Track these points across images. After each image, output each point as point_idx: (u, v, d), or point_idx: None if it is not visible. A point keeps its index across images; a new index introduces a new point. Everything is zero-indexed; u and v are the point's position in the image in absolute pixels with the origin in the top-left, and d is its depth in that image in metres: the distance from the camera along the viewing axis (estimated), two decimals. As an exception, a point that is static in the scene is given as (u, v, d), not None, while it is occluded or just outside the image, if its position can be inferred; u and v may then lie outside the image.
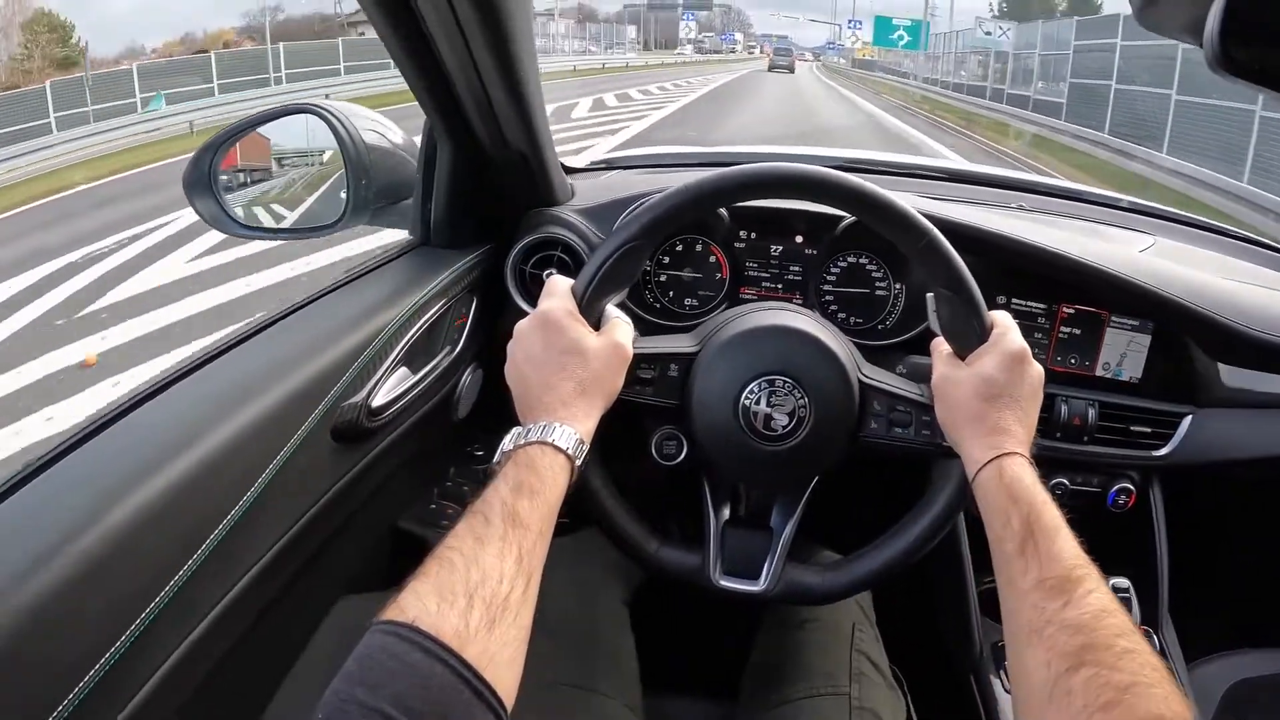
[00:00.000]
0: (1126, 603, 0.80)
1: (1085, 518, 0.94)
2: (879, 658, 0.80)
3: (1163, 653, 0.90)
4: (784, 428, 0.65)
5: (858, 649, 0.78)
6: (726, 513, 0.71)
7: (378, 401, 0.69)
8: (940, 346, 0.65)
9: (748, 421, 0.66)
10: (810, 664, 0.77)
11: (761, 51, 57.50)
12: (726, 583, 0.69)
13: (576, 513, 0.67)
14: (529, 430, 0.55)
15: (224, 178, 0.84)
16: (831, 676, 0.75)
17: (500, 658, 0.42)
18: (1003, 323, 0.63)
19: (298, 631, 0.72)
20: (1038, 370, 0.62)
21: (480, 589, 0.43)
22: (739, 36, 60.41)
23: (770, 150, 1.19)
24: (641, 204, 0.79)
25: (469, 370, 0.84)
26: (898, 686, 0.79)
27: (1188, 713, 0.41)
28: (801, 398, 0.65)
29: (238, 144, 0.85)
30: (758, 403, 0.65)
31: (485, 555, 0.45)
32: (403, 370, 0.74)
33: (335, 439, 0.65)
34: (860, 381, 0.67)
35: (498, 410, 0.64)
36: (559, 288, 0.62)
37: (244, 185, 0.88)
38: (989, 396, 0.60)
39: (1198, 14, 0.44)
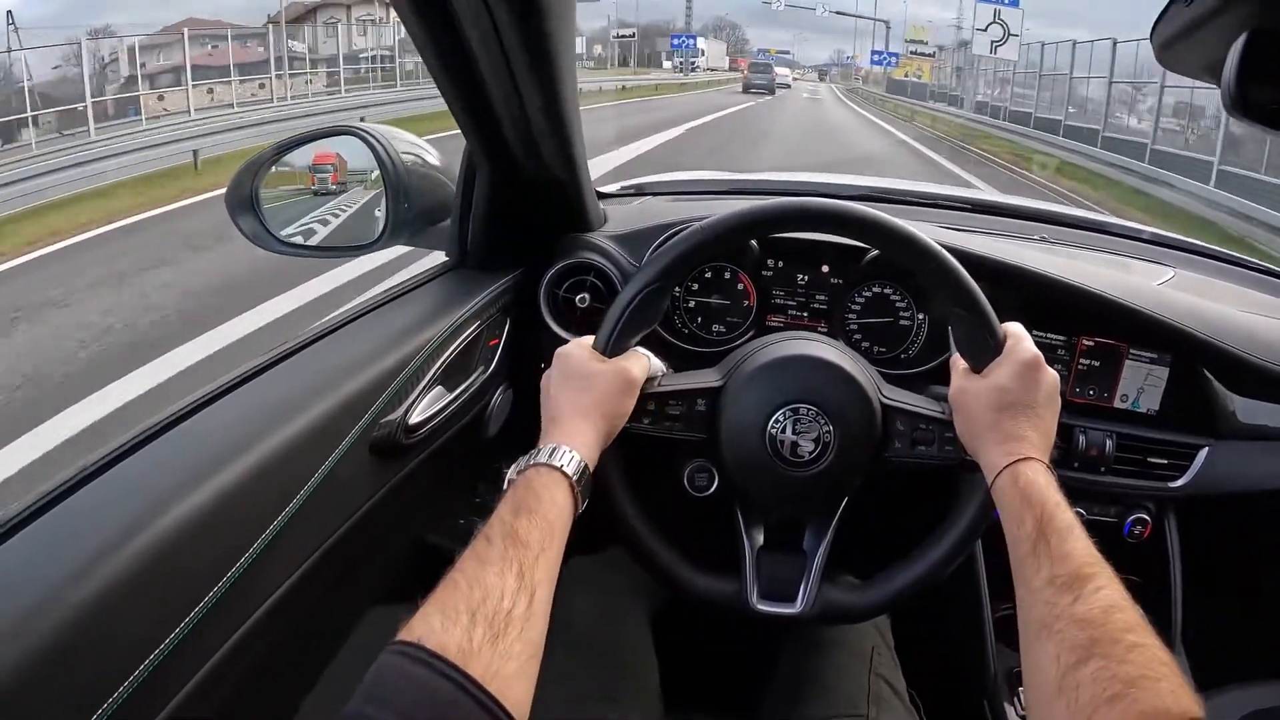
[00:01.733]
0: None
1: (1100, 548, 0.95)
2: (897, 681, 0.81)
3: None
4: (810, 454, 0.67)
5: (876, 672, 0.80)
6: (760, 538, 0.73)
7: (414, 419, 0.71)
8: (958, 362, 0.67)
9: (775, 450, 0.67)
10: (830, 686, 0.78)
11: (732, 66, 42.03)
12: (764, 607, 0.70)
13: (608, 539, 0.69)
14: (530, 455, 0.59)
15: (266, 196, 0.87)
16: (850, 699, 0.77)
17: (505, 671, 0.44)
18: (1015, 333, 0.65)
19: (329, 640, 0.74)
20: (1052, 376, 0.63)
21: (482, 606, 0.46)
22: (704, 46, 38.80)
23: (801, 178, 1.21)
24: (659, 245, 0.80)
25: (500, 390, 0.86)
26: (914, 710, 0.80)
27: (1195, 707, 0.41)
28: (826, 424, 0.67)
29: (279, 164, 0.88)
30: (784, 431, 0.67)
31: (486, 574, 0.48)
32: (439, 389, 0.76)
33: (373, 454, 0.67)
34: (882, 403, 0.69)
35: (528, 429, 0.66)
36: (585, 339, 0.66)
37: (285, 204, 0.91)
38: (1003, 406, 0.61)
39: (1216, 56, 0.45)
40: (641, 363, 0.66)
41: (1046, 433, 0.61)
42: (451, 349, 0.77)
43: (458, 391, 0.78)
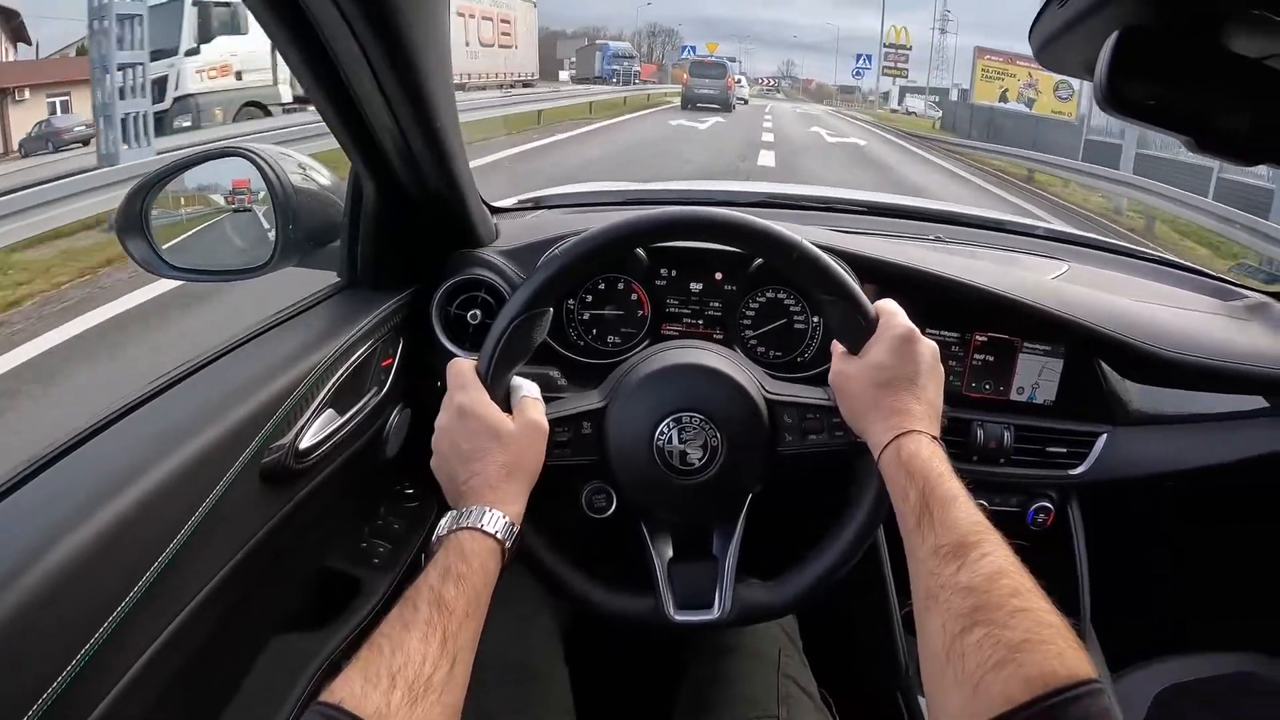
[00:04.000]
0: None
1: (1005, 537, 0.97)
2: (806, 681, 0.82)
3: None
4: (700, 460, 0.68)
5: (784, 673, 0.80)
6: (669, 550, 0.73)
7: (305, 444, 0.70)
8: (837, 347, 0.68)
9: (664, 461, 0.68)
10: (738, 690, 0.79)
11: (618, 76, 27.82)
12: (683, 617, 0.70)
13: (513, 555, 0.69)
14: (460, 515, 0.58)
15: (156, 220, 0.85)
16: (759, 701, 0.77)
17: None
18: (887, 310, 0.65)
19: (231, 670, 0.72)
20: (929, 346, 0.64)
21: (403, 671, 0.46)
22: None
23: (699, 186, 1.21)
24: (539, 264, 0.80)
25: (397, 410, 0.85)
26: (826, 708, 0.81)
27: (1084, 667, 0.41)
28: (711, 429, 0.68)
29: (169, 186, 0.86)
30: (670, 441, 0.67)
31: (410, 639, 0.49)
32: (330, 412, 0.75)
33: (264, 481, 0.66)
34: (766, 399, 0.70)
35: (427, 449, 0.66)
36: (465, 375, 0.64)
37: (175, 227, 0.89)
38: (882, 382, 0.62)
39: (1092, 54, 0.47)
40: (540, 408, 0.66)
41: (931, 403, 0.62)
42: (341, 371, 0.76)
43: (350, 414, 0.77)
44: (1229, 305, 1.09)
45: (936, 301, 0.88)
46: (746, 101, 23.74)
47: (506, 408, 0.65)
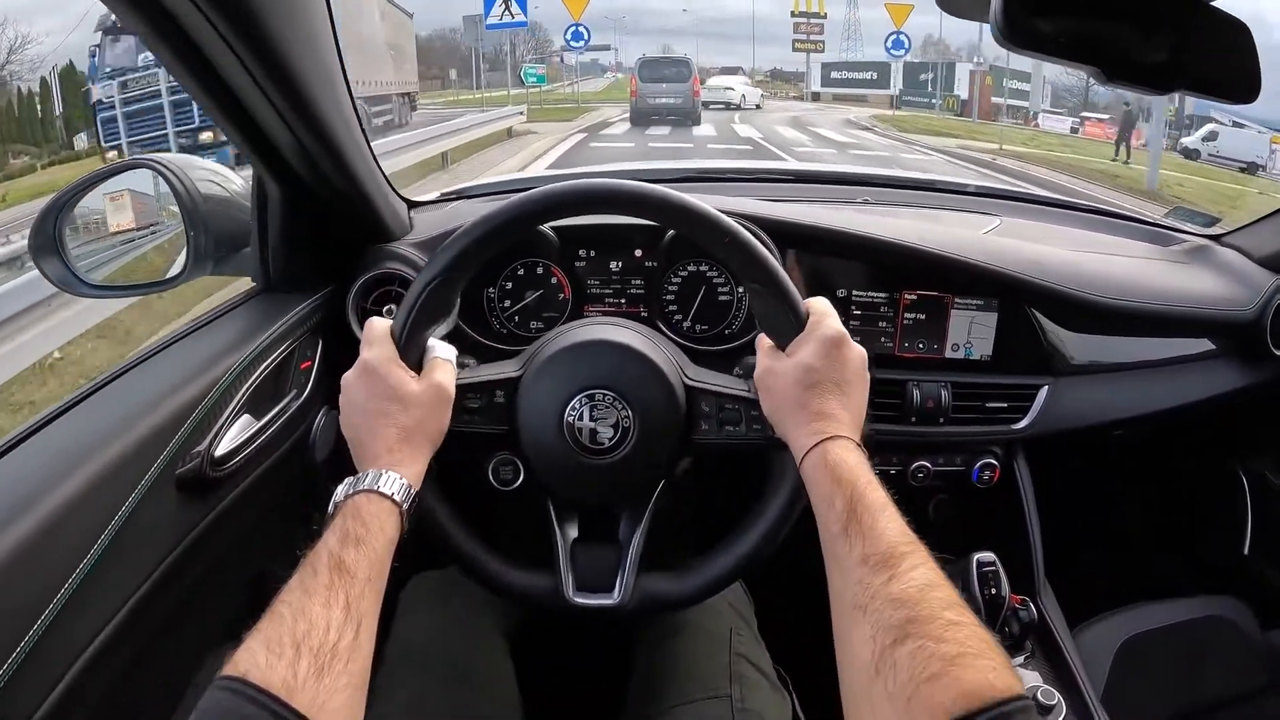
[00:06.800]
0: (994, 576, 0.82)
1: (953, 497, 0.96)
2: (760, 659, 0.80)
3: (1043, 620, 0.92)
4: (610, 440, 0.66)
5: (736, 652, 0.79)
6: (574, 531, 0.71)
7: (221, 451, 0.69)
8: (763, 341, 0.66)
9: (574, 438, 0.66)
10: (688, 671, 0.77)
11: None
12: (581, 600, 0.68)
13: (427, 548, 0.68)
14: (357, 480, 0.57)
15: (70, 238, 0.84)
16: (711, 681, 0.76)
17: (331, 704, 0.43)
18: (819, 310, 0.64)
19: (170, 683, 0.71)
20: (858, 352, 0.62)
21: (307, 639, 0.45)
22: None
23: (628, 168, 1.20)
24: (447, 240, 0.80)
25: (323, 413, 0.84)
26: (782, 687, 0.80)
27: (1016, 683, 0.41)
28: (624, 409, 0.66)
29: (79, 203, 0.85)
30: (581, 418, 0.66)
31: (312, 605, 0.47)
32: (246, 417, 0.74)
33: (181, 490, 0.65)
34: (685, 385, 0.68)
35: None
36: (377, 332, 0.63)
37: (90, 244, 0.88)
38: (809, 384, 0.60)
39: None
40: (449, 372, 0.64)
41: (856, 410, 0.61)
42: (256, 375, 0.75)
43: (269, 418, 0.76)
44: (1167, 250, 1.09)
45: (863, 262, 0.87)
46: (759, 107, 18.55)
47: (419, 369, 0.63)
